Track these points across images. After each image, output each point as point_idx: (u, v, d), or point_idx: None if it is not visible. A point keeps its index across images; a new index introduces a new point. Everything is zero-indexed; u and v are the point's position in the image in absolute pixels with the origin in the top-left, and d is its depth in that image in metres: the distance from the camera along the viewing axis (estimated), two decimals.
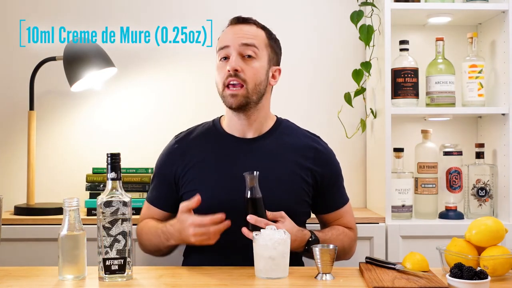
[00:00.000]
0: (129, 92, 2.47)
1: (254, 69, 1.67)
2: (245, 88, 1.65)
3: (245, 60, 1.67)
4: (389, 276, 1.41)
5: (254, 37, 1.69)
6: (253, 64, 1.67)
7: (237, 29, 1.70)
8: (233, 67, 1.64)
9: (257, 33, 1.71)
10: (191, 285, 1.41)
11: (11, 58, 2.45)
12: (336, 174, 1.80)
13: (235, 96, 1.66)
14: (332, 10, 2.49)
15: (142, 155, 2.40)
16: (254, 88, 1.67)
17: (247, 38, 1.68)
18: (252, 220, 1.52)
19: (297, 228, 1.60)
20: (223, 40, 1.70)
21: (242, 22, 1.72)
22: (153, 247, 1.72)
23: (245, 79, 1.65)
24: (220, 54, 1.69)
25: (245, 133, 1.75)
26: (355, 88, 2.35)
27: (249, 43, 1.67)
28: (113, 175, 1.43)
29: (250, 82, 1.66)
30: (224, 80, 1.66)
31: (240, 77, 1.65)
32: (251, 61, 1.67)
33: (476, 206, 2.24)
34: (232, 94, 1.66)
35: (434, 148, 2.28)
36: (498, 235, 1.47)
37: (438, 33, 2.38)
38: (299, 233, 1.60)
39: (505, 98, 2.21)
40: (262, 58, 1.70)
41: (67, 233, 1.42)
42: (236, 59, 1.65)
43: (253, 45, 1.68)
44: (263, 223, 1.52)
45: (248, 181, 1.55)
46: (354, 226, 1.83)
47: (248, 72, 1.66)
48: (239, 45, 1.67)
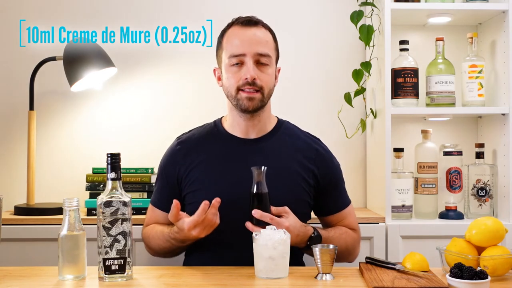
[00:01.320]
0: (129, 92, 2.48)
1: (268, 76, 1.69)
2: (261, 93, 1.67)
3: (259, 67, 1.68)
4: (389, 276, 1.41)
5: (266, 43, 1.70)
6: (268, 71, 1.69)
7: (250, 35, 1.69)
8: (252, 77, 1.65)
9: (268, 38, 1.71)
10: (191, 285, 1.41)
11: (11, 58, 2.45)
12: (337, 176, 1.80)
13: (252, 100, 1.67)
14: (332, 10, 2.49)
15: (142, 155, 2.41)
16: (269, 93, 1.71)
17: (262, 47, 1.68)
18: (257, 214, 1.53)
19: (300, 223, 1.60)
20: (237, 46, 1.68)
21: (254, 25, 1.71)
22: (164, 250, 1.71)
23: (261, 86, 1.67)
24: (233, 60, 1.68)
25: (249, 133, 1.75)
26: (355, 88, 2.35)
27: (264, 53, 1.68)
28: (113, 175, 1.43)
29: (266, 88, 1.68)
30: (240, 85, 1.67)
31: (257, 84, 1.66)
32: (265, 68, 1.69)
33: (476, 206, 2.24)
34: (249, 98, 1.66)
35: (434, 148, 2.28)
36: (498, 235, 1.47)
37: (438, 33, 2.38)
38: (302, 228, 1.60)
39: (505, 98, 2.21)
40: (273, 64, 1.72)
41: (67, 233, 1.42)
42: (253, 68, 1.66)
43: (268, 54, 1.69)
44: (268, 218, 1.52)
45: (256, 175, 1.56)
46: (357, 228, 1.82)
47: (263, 80, 1.68)
48: (255, 54, 1.67)
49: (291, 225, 1.55)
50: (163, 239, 1.68)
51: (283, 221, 1.54)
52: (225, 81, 1.71)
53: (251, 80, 1.65)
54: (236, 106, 1.70)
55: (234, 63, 1.68)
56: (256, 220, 1.53)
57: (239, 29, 1.70)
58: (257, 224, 1.53)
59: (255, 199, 1.55)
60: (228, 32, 1.73)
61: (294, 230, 1.56)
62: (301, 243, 1.61)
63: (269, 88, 1.70)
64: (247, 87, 1.66)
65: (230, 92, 1.69)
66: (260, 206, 1.54)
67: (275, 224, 1.52)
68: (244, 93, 1.66)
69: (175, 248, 1.67)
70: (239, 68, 1.68)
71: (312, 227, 1.65)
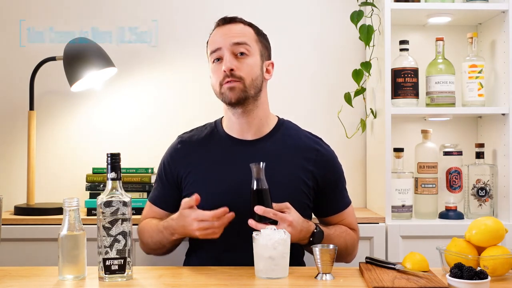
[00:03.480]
0: (129, 92, 2.47)
1: (248, 65, 1.68)
2: (242, 83, 1.66)
3: (238, 59, 1.68)
4: (389, 276, 1.41)
5: (243, 34, 1.70)
6: (247, 61, 1.68)
7: (225, 30, 1.71)
8: (229, 67, 1.65)
9: (245, 30, 1.72)
10: (191, 285, 1.41)
11: (11, 58, 2.45)
12: (337, 176, 1.79)
13: (233, 89, 1.66)
14: (332, 10, 2.49)
15: (142, 155, 2.41)
16: (251, 83, 1.68)
17: (237, 36, 1.69)
18: (259, 210, 1.51)
19: (302, 219, 1.59)
20: (214, 42, 1.71)
21: (229, 22, 1.73)
22: (155, 245, 1.71)
23: (241, 76, 1.66)
24: (213, 56, 1.70)
25: (245, 134, 1.74)
26: (355, 88, 2.35)
27: (240, 42, 1.68)
28: (113, 175, 1.43)
29: (247, 78, 1.67)
30: (221, 80, 1.67)
31: (236, 75, 1.66)
32: (244, 58, 1.68)
33: (476, 206, 2.24)
34: (230, 87, 1.66)
35: (434, 148, 2.28)
36: (498, 235, 1.47)
37: (438, 33, 2.38)
38: (305, 223, 1.59)
39: (505, 98, 2.21)
40: (254, 54, 1.71)
41: (67, 233, 1.42)
42: (230, 59, 1.66)
43: (244, 42, 1.69)
44: (271, 213, 1.51)
45: (255, 172, 1.54)
46: (356, 228, 1.82)
47: (243, 69, 1.67)
48: (230, 45, 1.68)
49: (294, 220, 1.54)
50: (156, 230, 1.68)
51: (286, 216, 1.53)
52: (211, 81, 1.73)
53: (228, 71, 1.65)
54: (224, 102, 1.70)
55: (214, 59, 1.70)
56: (258, 216, 1.51)
57: (218, 29, 1.74)
58: (260, 220, 1.51)
59: (256, 195, 1.53)
60: (211, 35, 1.76)
61: (297, 225, 1.54)
62: (304, 239, 1.60)
63: (251, 78, 1.68)
64: (227, 80, 1.66)
65: (216, 89, 1.70)
66: (262, 202, 1.52)
67: (279, 219, 1.51)
68: (226, 84, 1.66)
69: (163, 241, 1.66)
70: (220, 64, 1.69)
71: (314, 223, 1.65)
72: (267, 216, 1.51)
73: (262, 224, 1.50)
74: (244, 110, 1.70)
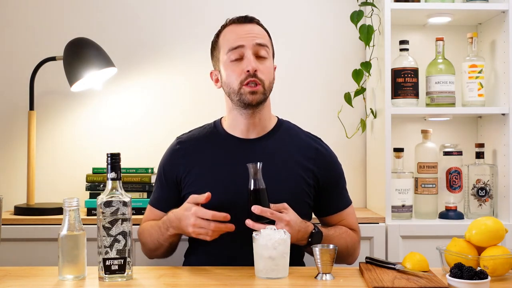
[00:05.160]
0: (129, 92, 2.48)
1: (268, 68, 1.69)
2: (262, 87, 1.67)
3: (259, 60, 1.68)
4: (389, 276, 1.41)
5: (264, 36, 1.72)
6: (267, 64, 1.69)
7: (247, 29, 1.70)
8: (254, 68, 1.65)
9: (263, 32, 1.73)
10: (191, 285, 1.41)
11: (11, 58, 2.45)
12: (337, 176, 1.79)
13: (254, 94, 1.66)
14: (332, 10, 2.49)
15: (142, 155, 2.41)
16: (269, 86, 1.70)
17: (260, 37, 1.69)
18: (257, 210, 1.50)
19: (300, 219, 1.58)
20: (235, 40, 1.68)
21: (250, 21, 1.72)
22: (153, 243, 1.71)
23: (262, 79, 1.67)
24: (233, 54, 1.68)
25: (249, 133, 1.74)
26: (355, 88, 2.36)
27: (262, 43, 1.69)
28: (113, 175, 1.43)
29: (266, 81, 1.68)
30: (242, 80, 1.66)
31: (258, 77, 1.66)
32: (264, 61, 1.69)
33: (476, 206, 2.24)
34: (252, 91, 1.65)
35: (434, 148, 2.28)
36: (498, 235, 1.47)
37: (438, 33, 2.38)
38: (303, 224, 1.58)
39: (505, 98, 2.21)
40: (270, 57, 1.73)
41: (67, 233, 1.42)
42: (254, 60, 1.66)
43: (265, 45, 1.70)
44: (268, 213, 1.51)
45: (252, 171, 1.54)
46: (357, 228, 1.81)
47: (264, 72, 1.68)
48: (253, 45, 1.67)
49: (291, 220, 1.53)
50: (155, 226, 1.68)
51: (284, 216, 1.53)
52: (225, 79, 1.70)
53: (253, 71, 1.65)
54: (239, 102, 1.68)
55: (233, 58, 1.68)
56: (256, 216, 1.51)
57: (235, 26, 1.72)
58: (257, 220, 1.51)
59: (253, 195, 1.53)
60: (223, 32, 1.73)
61: (295, 225, 1.54)
62: (302, 240, 1.59)
63: (269, 81, 1.70)
64: (250, 80, 1.65)
65: (233, 88, 1.68)
66: (259, 202, 1.52)
67: (276, 219, 1.51)
68: (247, 87, 1.65)
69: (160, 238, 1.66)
70: (239, 63, 1.67)
71: (312, 224, 1.64)
72: (264, 216, 1.51)
73: (260, 224, 1.50)
74: (255, 111, 1.70)
